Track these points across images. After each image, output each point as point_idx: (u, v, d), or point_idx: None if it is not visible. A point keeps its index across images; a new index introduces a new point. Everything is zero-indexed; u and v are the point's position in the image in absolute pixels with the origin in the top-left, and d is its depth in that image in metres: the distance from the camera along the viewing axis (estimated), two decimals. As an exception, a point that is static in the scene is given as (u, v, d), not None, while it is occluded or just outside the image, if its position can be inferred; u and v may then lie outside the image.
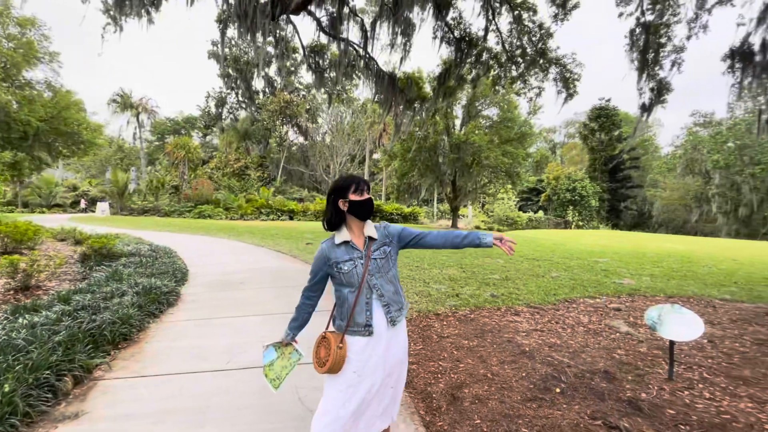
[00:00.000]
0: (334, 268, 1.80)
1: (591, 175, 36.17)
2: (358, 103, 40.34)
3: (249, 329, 4.20)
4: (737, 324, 4.64)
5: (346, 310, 1.79)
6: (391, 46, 11.85)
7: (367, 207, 1.82)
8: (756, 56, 7.73)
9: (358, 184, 1.80)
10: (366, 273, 1.78)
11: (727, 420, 2.40)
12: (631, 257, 11.00)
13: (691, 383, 2.91)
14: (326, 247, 1.84)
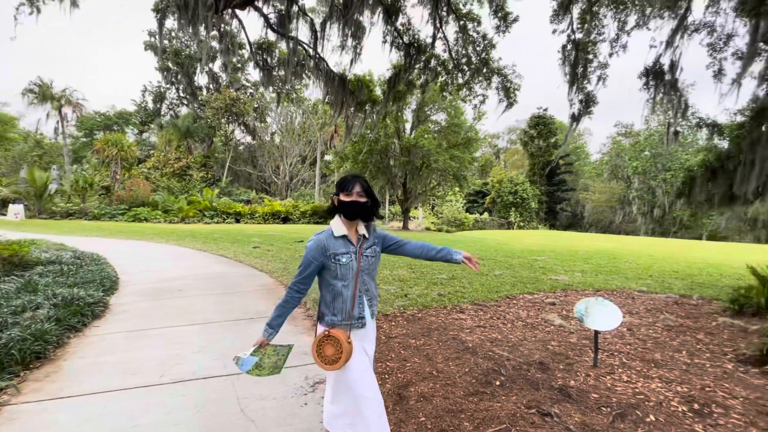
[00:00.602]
0: (332, 259, 1.82)
1: (531, 178, 38.67)
2: (308, 104, 39.67)
3: (186, 339, 3.94)
4: (651, 312, 5.19)
5: (340, 304, 1.84)
6: (341, 47, 11.80)
7: (351, 209, 1.83)
8: (666, 75, 8.74)
9: (348, 185, 1.84)
10: (359, 267, 1.86)
11: (641, 400, 2.68)
12: (566, 255, 11.91)
13: (612, 368, 3.21)
14: (324, 237, 1.85)
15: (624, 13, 10.22)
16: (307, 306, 5.13)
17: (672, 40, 8.55)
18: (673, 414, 2.48)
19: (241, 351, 1.97)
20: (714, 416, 2.44)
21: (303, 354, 3.55)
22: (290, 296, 1.93)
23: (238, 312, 4.94)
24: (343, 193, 1.84)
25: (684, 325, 4.58)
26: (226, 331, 4.21)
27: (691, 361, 3.37)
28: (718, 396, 2.68)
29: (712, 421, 2.38)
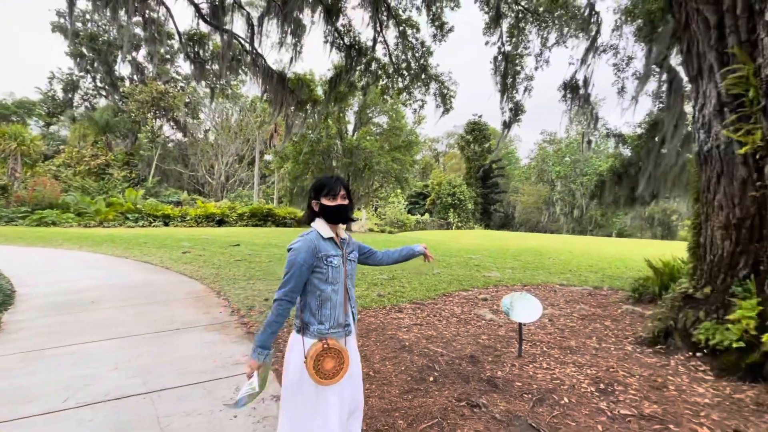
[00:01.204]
0: (324, 261, 1.70)
1: (468, 181, 40.70)
2: (246, 101, 37.91)
3: (99, 357, 3.54)
4: (569, 304, 5.72)
5: (329, 311, 1.72)
6: (280, 44, 11.45)
7: (338, 213, 1.76)
8: (580, 89, 9.71)
9: (331, 188, 1.75)
10: (347, 272, 1.80)
11: (557, 384, 2.93)
12: (498, 253, 12.70)
13: (534, 357, 3.48)
14: (314, 237, 1.73)
15: (546, 31, 11.17)
16: (240, 313, 4.89)
17: (585, 58, 9.52)
18: (583, 395, 2.75)
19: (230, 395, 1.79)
20: (616, 393, 2.75)
21: (233, 364, 3.37)
22: (282, 309, 1.71)
23: (162, 323, 4.56)
24: (327, 197, 1.75)
25: (595, 313, 5.12)
26: (148, 345, 3.86)
27: (600, 345, 3.78)
28: (620, 375, 3.03)
29: (614, 398, 2.68)
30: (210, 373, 3.21)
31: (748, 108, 2.67)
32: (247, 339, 4.06)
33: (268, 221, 25.53)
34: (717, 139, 2.91)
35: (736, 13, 2.69)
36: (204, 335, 4.15)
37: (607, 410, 2.51)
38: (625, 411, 2.49)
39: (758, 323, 2.68)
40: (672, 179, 7.33)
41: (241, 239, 14.43)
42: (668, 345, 3.40)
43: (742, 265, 2.89)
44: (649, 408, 2.52)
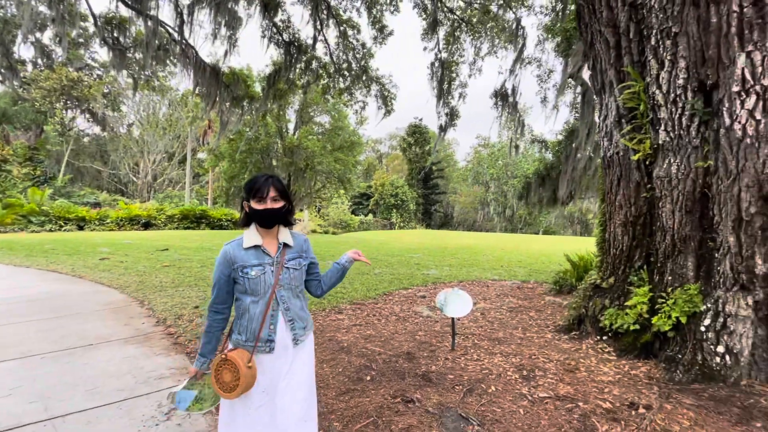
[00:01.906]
0: (240, 272, 1.59)
1: (409, 182, 41.75)
2: (176, 94, 35.21)
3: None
4: (500, 297, 6.11)
5: (246, 322, 1.60)
6: (214, 36, 10.84)
7: (266, 218, 1.60)
8: (509, 97, 10.44)
9: (258, 189, 1.58)
10: (276, 282, 1.61)
11: (485, 374, 3.12)
12: (437, 251, 13.18)
13: (466, 350, 3.67)
14: (230, 248, 1.63)
15: (479, 41, 11.83)
16: (167, 323, 4.53)
17: (513, 68, 10.25)
18: (508, 382, 2.96)
19: (172, 388, 1.71)
20: (536, 378, 3.00)
21: (156, 379, 3.12)
22: (211, 320, 1.68)
23: (73, 339, 4.07)
24: (255, 198, 1.59)
25: (522, 305, 5.53)
26: (52, 365, 3.42)
27: (524, 335, 4.09)
28: (540, 361, 3.31)
29: (534, 383, 2.92)
30: (128, 391, 2.94)
31: (640, 120, 3.08)
32: (174, 350, 3.78)
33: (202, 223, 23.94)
34: (617, 147, 3.32)
35: (630, 36, 3.09)
36: (123, 349, 3.78)
37: (528, 395, 2.73)
38: (544, 394, 2.72)
39: (649, 307, 3.09)
40: (586, 182, 8.16)
41: (170, 243, 13.36)
42: (581, 331, 3.78)
43: (637, 257, 3.32)
44: (564, 389, 2.78)
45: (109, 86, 34.88)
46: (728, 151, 2.48)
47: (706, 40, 2.47)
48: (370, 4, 11.65)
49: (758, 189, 2.38)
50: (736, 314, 2.55)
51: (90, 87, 31.97)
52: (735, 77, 2.36)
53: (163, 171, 39.21)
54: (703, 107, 2.62)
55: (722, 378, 2.55)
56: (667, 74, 2.72)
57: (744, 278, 2.52)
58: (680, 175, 2.77)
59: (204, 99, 11.87)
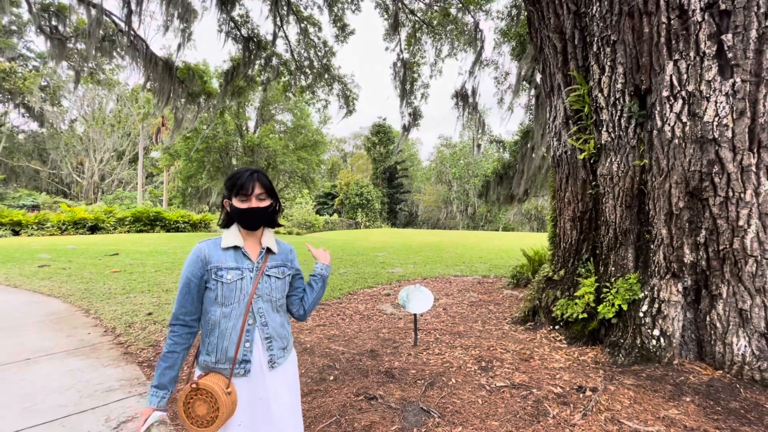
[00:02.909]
0: (213, 274, 1.35)
1: (374, 182, 41.88)
2: (125, 88, 33.09)
3: None
4: (461, 292, 6.29)
5: (216, 339, 1.34)
6: (166, 28, 10.33)
7: (250, 218, 1.39)
8: (469, 98, 10.75)
9: (242, 186, 1.37)
10: (254, 291, 1.38)
11: (447, 367, 3.20)
12: (402, 250, 13.32)
13: (428, 345, 3.74)
14: (205, 246, 1.39)
15: (440, 42, 12.07)
16: (116, 332, 4.26)
17: (472, 70, 10.56)
18: (468, 374, 3.05)
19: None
20: (494, 369, 3.12)
21: (104, 392, 2.93)
22: (174, 338, 1.35)
23: (6, 354, 3.73)
24: (238, 196, 1.38)
25: (482, 299, 5.72)
26: (-19, 384, 3.12)
27: (483, 328, 4.24)
28: (497, 352, 3.45)
29: (492, 373, 3.04)
30: (72, 406, 2.74)
31: (585, 121, 3.29)
32: (123, 360, 3.56)
33: (156, 226, 22.69)
34: (565, 146, 3.53)
35: (575, 43, 3.29)
36: (65, 362, 3.51)
37: (486, 385, 2.83)
38: (501, 383, 2.84)
39: (596, 297, 3.30)
40: (541, 180, 8.57)
41: (120, 248, 12.55)
42: (536, 322, 3.98)
43: (584, 250, 3.54)
44: (519, 378, 2.91)
45: (48, 79, 32.14)
46: (660, 150, 2.71)
47: (640, 48, 2.69)
48: (331, 2, 11.56)
49: (685, 185, 2.62)
50: (669, 300, 2.79)
51: (25, 79, 29.28)
52: (664, 83, 2.58)
53: (112, 170, 36.73)
54: (639, 110, 2.85)
55: (658, 359, 2.78)
56: (608, 79, 2.93)
57: (675, 267, 2.76)
58: (620, 172, 3.00)
59: (156, 95, 11.26)
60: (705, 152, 2.50)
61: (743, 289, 2.48)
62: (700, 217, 2.61)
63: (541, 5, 3.43)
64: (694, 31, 2.41)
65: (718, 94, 2.38)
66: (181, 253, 11.52)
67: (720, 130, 2.41)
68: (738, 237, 2.46)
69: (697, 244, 2.65)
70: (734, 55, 2.31)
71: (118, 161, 36.84)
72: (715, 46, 2.36)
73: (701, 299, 2.72)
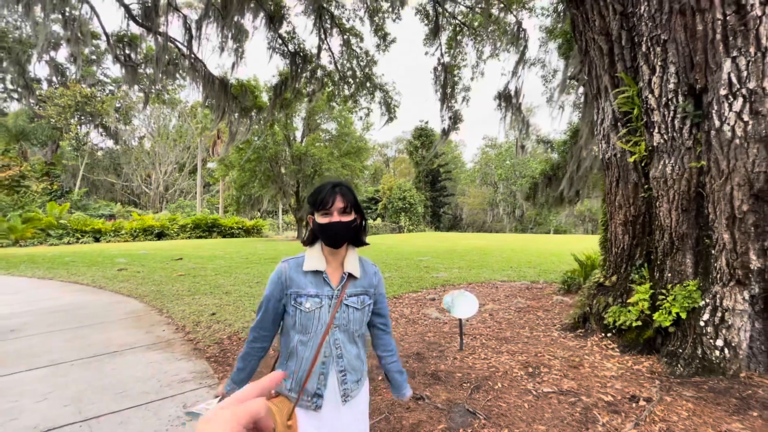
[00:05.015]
0: (293, 300, 1.30)
1: (417, 185, 41.85)
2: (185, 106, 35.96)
3: (24, 388, 3.28)
4: (508, 298, 6.20)
5: (294, 366, 1.31)
6: (221, 49, 11.19)
7: (333, 234, 1.30)
8: (512, 99, 10.54)
9: (324, 199, 1.28)
10: (332, 321, 1.30)
11: (492, 372, 3.23)
12: (446, 254, 13.26)
13: (474, 350, 3.78)
14: (287, 268, 1.33)
15: (481, 44, 11.96)
16: (186, 329, 4.73)
17: (516, 70, 10.35)
18: (514, 379, 3.07)
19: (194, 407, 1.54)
20: (541, 374, 3.10)
21: (179, 382, 3.30)
22: (249, 347, 1.39)
23: (98, 347, 4.29)
24: (320, 211, 1.30)
25: (530, 305, 5.61)
26: (81, 371, 3.63)
27: (531, 334, 4.18)
28: (545, 359, 3.41)
29: (539, 379, 3.03)
30: (154, 394, 3.13)
31: (634, 123, 3.19)
32: (194, 355, 3.97)
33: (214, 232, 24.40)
34: (614, 149, 3.43)
35: (622, 44, 3.20)
36: (146, 355, 3.98)
37: (533, 390, 2.84)
38: (548, 389, 2.83)
39: (651, 304, 3.17)
40: (592, 181, 8.20)
41: (183, 253, 13.69)
42: (586, 329, 3.87)
43: (638, 255, 3.40)
44: (567, 384, 2.88)
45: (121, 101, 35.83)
46: (719, 151, 2.58)
47: (694, 47, 2.58)
48: (372, 13, 11.89)
49: (749, 187, 2.47)
50: (734, 308, 2.63)
51: (103, 102, 32.86)
52: (722, 81, 2.46)
53: (174, 181, 39.98)
54: (694, 110, 2.72)
55: (722, 371, 2.63)
56: (659, 79, 2.83)
57: (740, 273, 2.61)
58: (675, 175, 2.87)
59: (213, 110, 12.21)
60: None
61: (820, 298, 2.30)
62: (767, 221, 2.45)
63: (585, 7, 3.38)
64: (754, 26, 2.29)
65: (784, 91, 2.24)
66: (237, 258, 12.34)
67: (787, 129, 2.27)
68: (812, 242, 2.29)
69: (765, 250, 2.49)
70: (801, 48, 2.16)
71: (180, 172, 40.06)
72: (777, 40, 2.23)
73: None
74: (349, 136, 23.94)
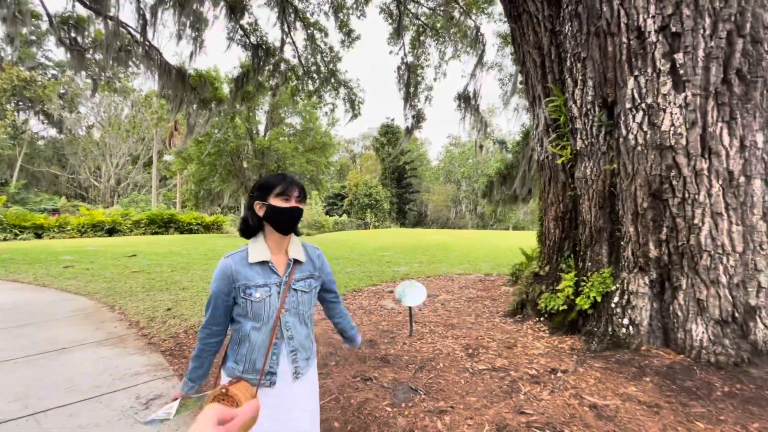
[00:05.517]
0: (241, 292, 1.35)
1: (383, 182, 42.22)
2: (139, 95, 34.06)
3: (-36, 387, 3.18)
4: (462, 289, 6.59)
5: (246, 351, 1.38)
6: (179, 37, 10.82)
7: (291, 218, 1.38)
8: (471, 100, 11.01)
9: (287, 187, 1.36)
10: (282, 306, 1.38)
11: (437, 354, 3.53)
12: (409, 249, 13.63)
13: (422, 335, 4.07)
14: (232, 263, 1.37)
15: (443, 46, 12.35)
16: (140, 325, 4.69)
17: (474, 72, 10.81)
18: (455, 359, 3.38)
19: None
20: (479, 355, 3.43)
21: (133, 375, 3.34)
22: (203, 344, 1.43)
23: (44, 344, 4.18)
24: (278, 197, 1.36)
25: (480, 296, 6.02)
26: (28, 368, 3.56)
27: (476, 320, 4.54)
28: (485, 341, 3.76)
29: (477, 358, 3.36)
30: (106, 387, 3.15)
31: (562, 129, 3.58)
32: (148, 349, 3.98)
33: (171, 228, 23.43)
34: (546, 152, 3.82)
35: (552, 58, 3.58)
36: (97, 351, 3.94)
37: (470, 368, 3.15)
38: (482, 367, 3.16)
39: (575, 290, 3.59)
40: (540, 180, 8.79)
41: (137, 249, 13.15)
42: (524, 314, 4.28)
43: (566, 247, 3.82)
44: (500, 362, 3.22)
45: (66, 87, 33.32)
46: (626, 156, 2.99)
47: (606, 65, 2.97)
48: (336, 8, 11.93)
49: (648, 187, 2.90)
50: (637, 291, 3.07)
51: (44, 87, 30.43)
52: (627, 96, 2.86)
53: (127, 174, 37.83)
54: (607, 120, 3.12)
55: (627, 345, 3.07)
56: (580, 91, 3.21)
57: (641, 261, 3.04)
58: (593, 176, 3.28)
59: (170, 101, 11.78)
60: (664, 158, 2.78)
61: (699, 281, 2.75)
62: (662, 216, 2.89)
63: (521, 23, 3.72)
64: (651, 50, 2.69)
65: (673, 106, 2.65)
66: (195, 254, 12.04)
67: (675, 138, 2.69)
68: (694, 234, 2.73)
69: (660, 241, 2.93)
70: (685, 71, 2.58)
71: (133, 165, 37.92)
72: (668, 63, 2.64)
73: (665, 291, 2.99)
74: (314, 131, 23.77)
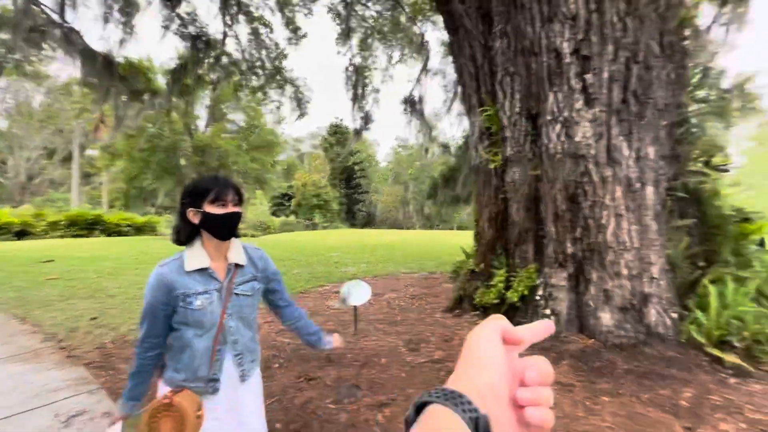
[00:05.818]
0: (180, 302, 1.28)
1: (332, 182, 41.90)
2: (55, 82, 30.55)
3: None
4: (406, 288, 6.81)
5: (187, 359, 1.31)
6: (105, 20, 9.93)
7: (230, 224, 1.32)
8: (417, 105, 11.37)
9: (220, 191, 1.29)
10: (225, 311, 1.33)
11: (380, 350, 3.65)
12: (357, 249, 13.72)
13: (367, 333, 4.18)
14: (167, 272, 1.29)
15: (391, 49, 12.60)
16: (58, 338, 4.27)
17: (419, 78, 11.18)
18: (397, 354, 3.52)
19: None
20: (420, 349, 3.61)
21: (50, 392, 3.06)
22: (142, 359, 1.33)
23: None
24: (214, 203, 1.29)
25: (423, 293, 6.27)
26: None
27: (418, 317, 4.75)
28: (426, 336, 3.96)
29: (417, 353, 3.53)
30: (19, 406, 2.86)
31: (495, 137, 3.89)
32: (69, 363, 3.65)
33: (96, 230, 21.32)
34: (481, 158, 4.12)
35: (485, 71, 3.89)
36: (4, 368, 3.55)
37: (411, 362, 3.31)
38: (422, 360, 3.33)
39: (506, 285, 3.91)
40: (480, 182, 9.31)
41: (55, 254, 11.84)
42: (462, 309, 4.55)
43: (498, 246, 4.15)
44: (439, 355, 3.43)
45: (-37, 68, 28.90)
46: (548, 163, 3.33)
47: (531, 80, 3.29)
48: (282, 4, 11.69)
49: (566, 192, 3.26)
50: (557, 285, 3.43)
51: (-66, 67, 26.13)
52: (548, 110, 3.20)
53: (42, 170, 33.73)
54: (532, 130, 3.47)
55: (549, 333, 3.41)
56: (509, 103, 3.53)
57: (561, 258, 3.41)
58: (521, 181, 3.61)
59: (95, 90, 10.76)
60: (578, 166, 3.15)
61: (606, 273, 3.16)
62: (577, 217, 3.26)
63: (459, 36, 3.99)
64: (566, 70, 3.04)
65: (585, 120, 3.02)
66: (125, 258, 11.12)
67: (587, 149, 3.06)
68: (601, 233, 3.13)
69: (575, 239, 3.30)
70: (594, 90, 2.95)
71: (49, 160, 33.91)
72: (581, 83, 3.00)
73: (580, 283, 3.38)
74: (259, 128, 22.98)
